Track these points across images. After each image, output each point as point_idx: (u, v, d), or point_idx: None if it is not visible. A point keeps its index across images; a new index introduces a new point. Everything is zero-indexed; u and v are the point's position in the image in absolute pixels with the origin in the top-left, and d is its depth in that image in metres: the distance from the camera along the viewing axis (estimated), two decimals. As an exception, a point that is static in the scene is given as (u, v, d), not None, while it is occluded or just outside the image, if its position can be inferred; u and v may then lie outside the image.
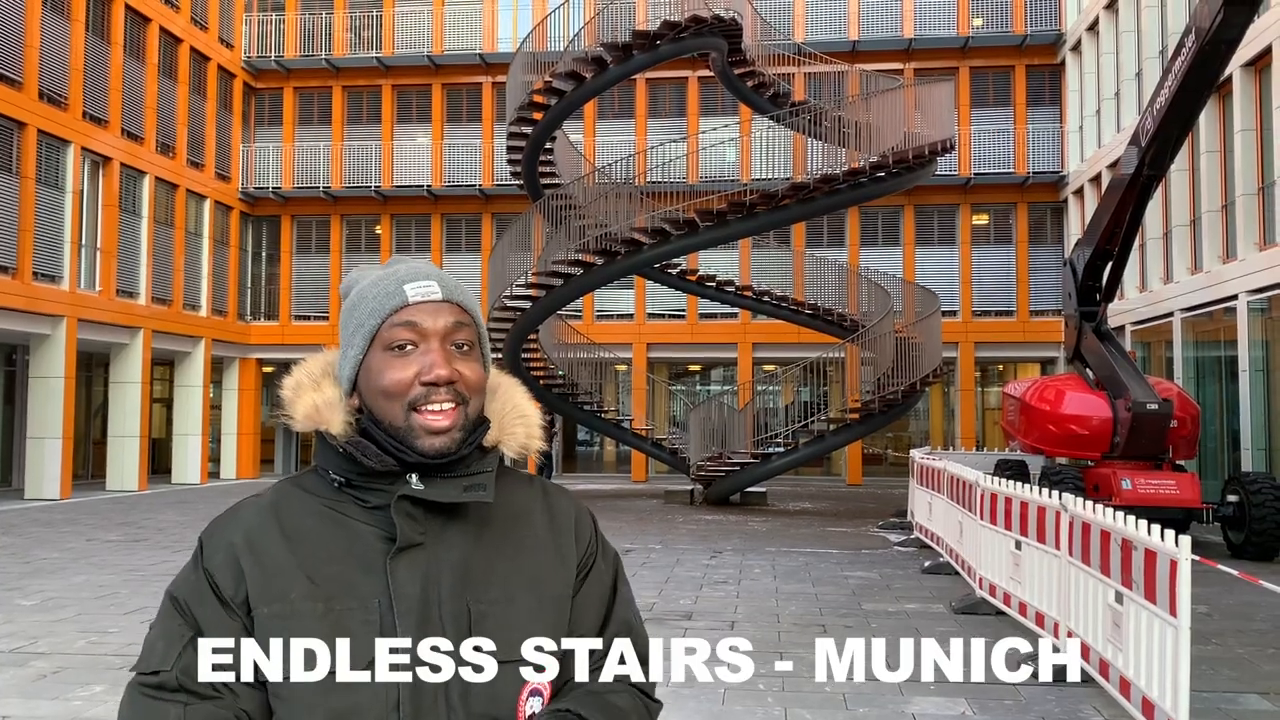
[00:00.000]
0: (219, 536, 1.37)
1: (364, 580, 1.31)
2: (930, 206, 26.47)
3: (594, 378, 22.03)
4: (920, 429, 27.86)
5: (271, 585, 1.31)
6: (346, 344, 1.41)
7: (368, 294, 1.41)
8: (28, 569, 11.24)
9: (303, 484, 1.42)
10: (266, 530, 1.35)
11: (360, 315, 1.40)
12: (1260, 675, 6.93)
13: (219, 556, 1.34)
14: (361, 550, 1.33)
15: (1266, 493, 12.37)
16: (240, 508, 1.41)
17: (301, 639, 1.27)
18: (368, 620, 1.29)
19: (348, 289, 1.46)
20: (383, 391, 1.36)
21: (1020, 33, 25.93)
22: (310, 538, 1.34)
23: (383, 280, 1.41)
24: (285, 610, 1.29)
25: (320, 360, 1.46)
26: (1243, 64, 16.24)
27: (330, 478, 1.39)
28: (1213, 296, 17.43)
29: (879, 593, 10.00)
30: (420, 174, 27.70)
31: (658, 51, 17.92)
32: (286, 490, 1.41)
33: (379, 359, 1.37)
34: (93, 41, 22.32)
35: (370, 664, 1.27)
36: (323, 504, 1.38)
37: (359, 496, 1.37)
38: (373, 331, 1.38)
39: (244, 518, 1.38)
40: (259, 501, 1.41)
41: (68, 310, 20.81)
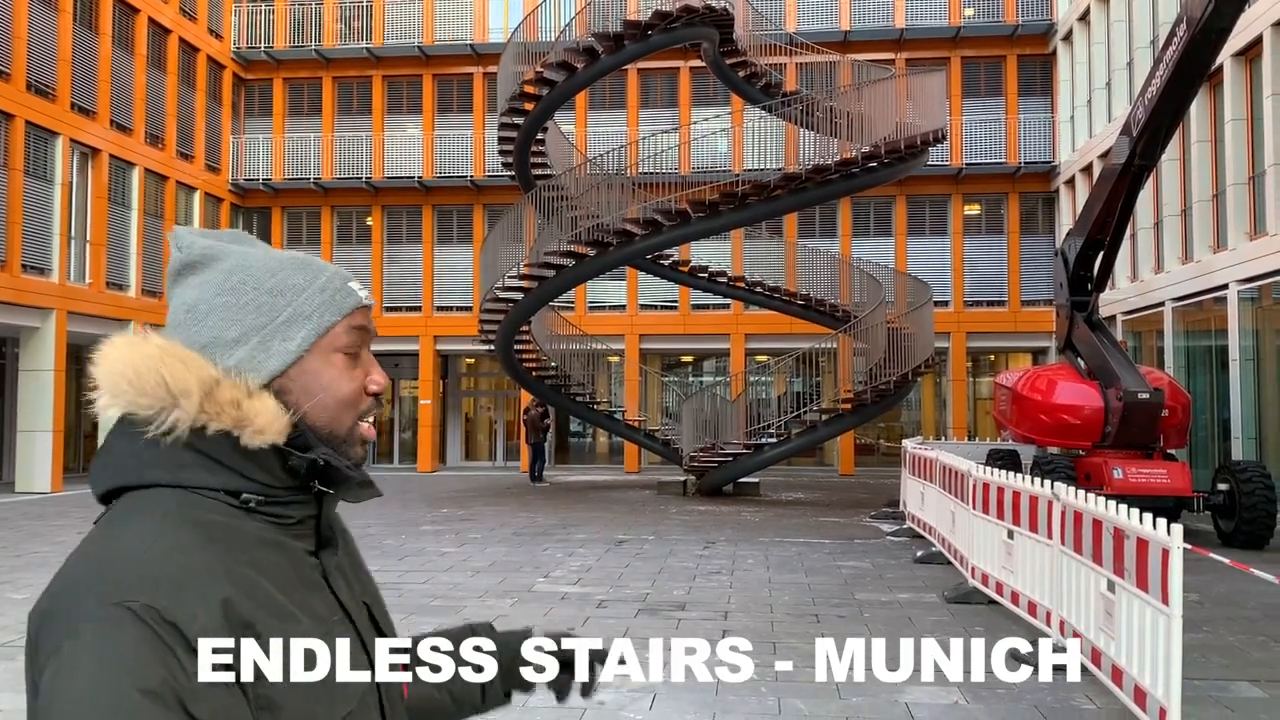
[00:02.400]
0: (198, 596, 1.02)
1: (319, 603, 1.16)
2: (922, 197, 26.47)
3: (586, 369, 22.02)
4: (912, 419, 27.92)
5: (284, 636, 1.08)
6: (269, 333, 1.17)
7: (300, 282, 1.20)
8: (18, 562, 11.20)
9: (204, 515, 1.10)
10: (246, 571, 1.08)
11: (301, 305, 1.19)
12: (1251, 663, 6.96)
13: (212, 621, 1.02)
14: (304, 571, 1.16)
15: (1257, 481, 12.43)
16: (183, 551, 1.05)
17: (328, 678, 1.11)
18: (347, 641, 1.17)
19: (206, 259, 1.19)
20: (341, 400, 1.20)
21: (1011, 22, 25.92)
22: (274, 570, 1.12)
23: (313, 269, 1.23)
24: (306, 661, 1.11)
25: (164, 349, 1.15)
26: (1233, 53, 16.25)
27: (244, 499, 1.13)
28: (1203, 286, 17.48)
29: (872, 582, 10.02)
30: (411, 165, 27.61)
31: (649, 41, 17.87)
32: (202, 522, 1.09)
33: (326, 361, 1.20)
34: (81, 32, 22.18)
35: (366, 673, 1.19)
36: (253, 530, 1.13)
37: (277, 514, 1.15)
38: (326, 328, 1.20)
39: (212, 562, 1.06)
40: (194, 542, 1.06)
41: (57, 303, 20.72)
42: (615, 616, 8.32)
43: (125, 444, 1.14)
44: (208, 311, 1.17)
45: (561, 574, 10.45)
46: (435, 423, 27.54)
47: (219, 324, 1.17)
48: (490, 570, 10.66)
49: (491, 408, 30.06)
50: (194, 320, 1.17)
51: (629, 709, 5.81)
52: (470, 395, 30.51)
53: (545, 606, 8.70)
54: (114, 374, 1.14)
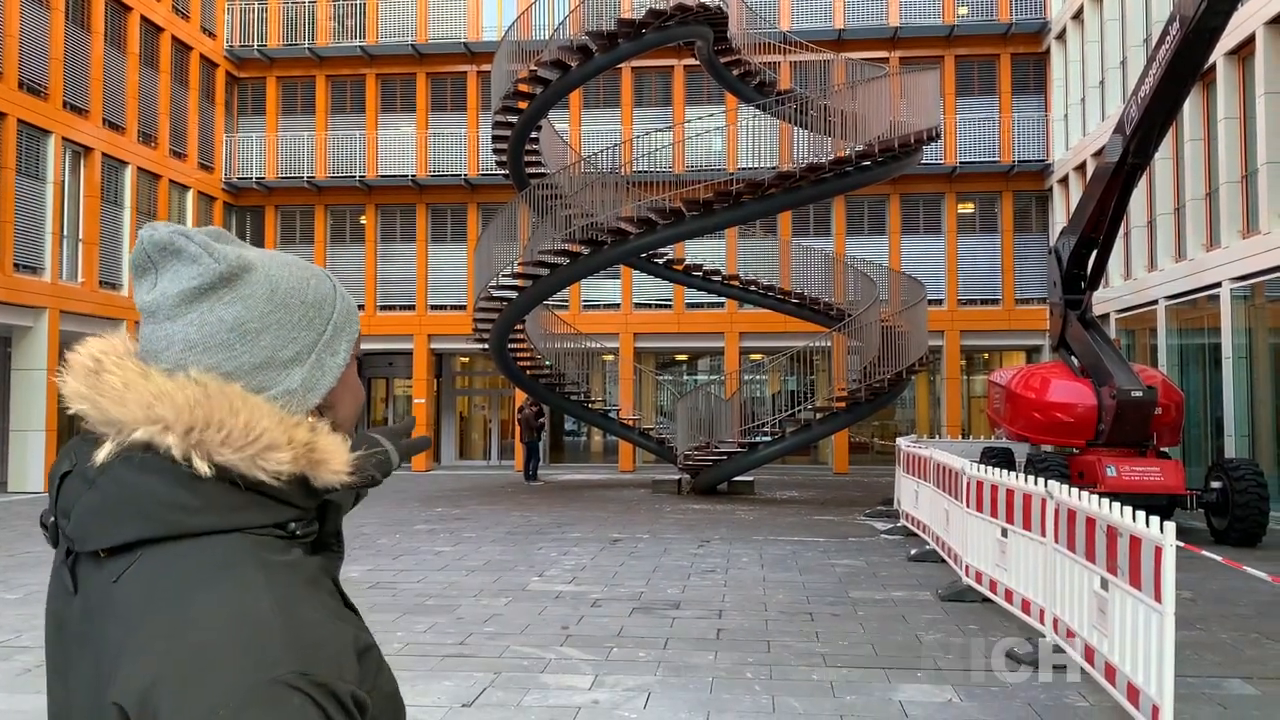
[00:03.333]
0: (334, 651, 0.98)
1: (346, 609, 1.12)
2: (916, 195, 26.50)
3: (581, 368, 22.01)
4: (906, 417, 27.96)
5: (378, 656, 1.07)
6: (321, 350, 1.12)
7: (327, 290, 1.15)
8: (12, 562, 11.17)
9: (273, 557, 1.02)
10: (339, 610, 1.06)
11: (338, 315, 1.15)
12: (1244, 660, 6.98)
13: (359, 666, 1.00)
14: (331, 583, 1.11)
15: (1249, 479, 12.45)
16: (298, 608, 0.99)
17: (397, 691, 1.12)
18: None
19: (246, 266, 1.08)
20: (358, 405, 1.20)
21: (1005, 21, 25.95)
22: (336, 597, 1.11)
23: (323, 275, 1.17)
24: (388, 673, 1.09)
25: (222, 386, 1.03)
26: (1226, 52, 16.28)
27: (290, 529, 1.06)
28: (1196, 284, 17.52)
29: (866, 580, 10.03)
30: (405, 164, 27.56)
31: (643, 40, 17.86)
32: (281, 565, 1.02)
33: (352, 370, 1.18)
34: (73, 31, 22.11)
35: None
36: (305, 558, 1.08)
37: (307, 533, 1.10)
38: (355, 337, 1.18)
39: (316, 612, 1.00)
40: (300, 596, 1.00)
41: (50, 302, 20.66)
42: (610, 615, 8.32)
43: (159, 484, 1.00)
44: (259, 330, 1.06)
45: (556, 573, 10.45)
46: (430, 422, 27.50)
47: (274, 343, 1.07)
48: (485, 569, 10.65)
49: (486, 406, 30.04)
50: (243, 340, 1.05)
51: (623, 707, 5.81)
52: (465, 394, 30.48)
53: (540, 605, 8.70)
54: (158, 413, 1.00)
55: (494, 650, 7.13)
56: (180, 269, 1.06)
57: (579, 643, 7.37)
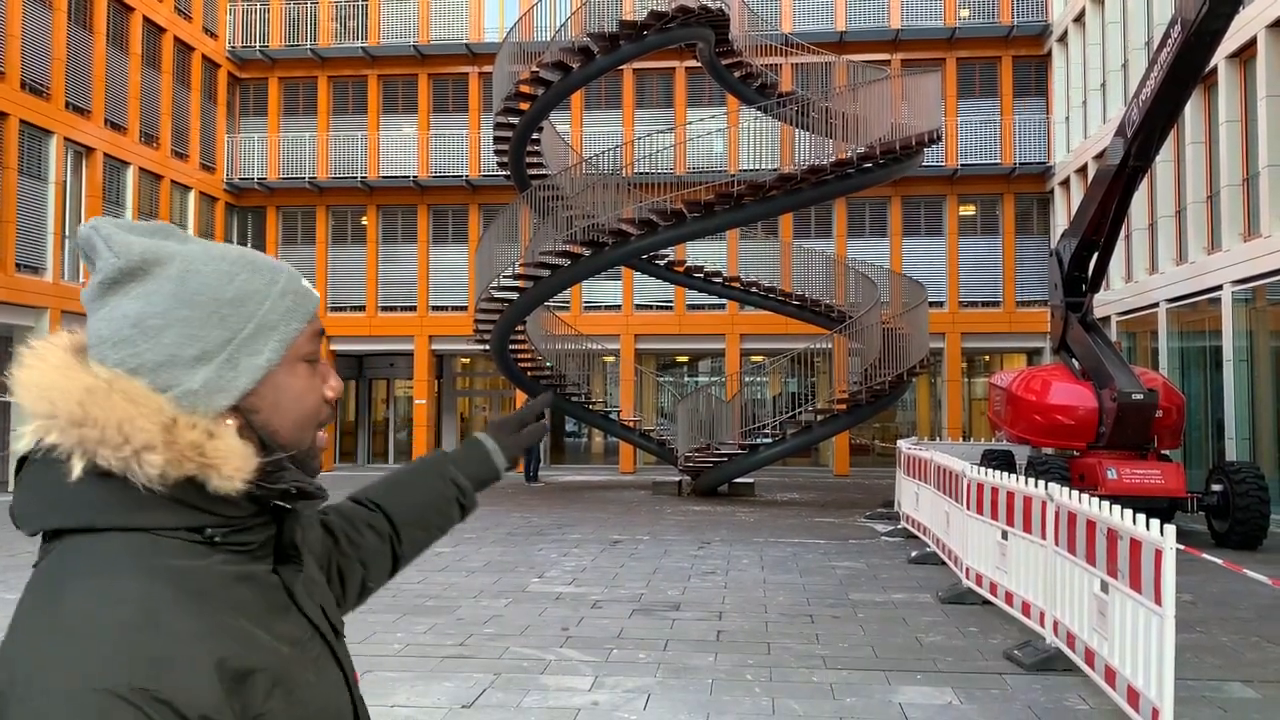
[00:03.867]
0: (187, 666, 0.93)
1: (290, 626, 1.08)
2: (917, 197, 26.50)
3: (582, 369, 22.00)
4: (907, 419, 27.95)
5: (279, 677, 1.02)
6: (235, 349, 1.05)
7: (260, 287, 1.08)
8: (11, 562, 11.18)
9: (170, 559, 0.99)
10: (223, 617, 0.99)
11: (266, 314, 1.07)
12: (1244, 663, 6.98)
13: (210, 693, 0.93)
14: (271, 596, 1.08)
15: (1250, 482, 12.44)
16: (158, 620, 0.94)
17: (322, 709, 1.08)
18: (324, 660, 1.12)
19: (149, 263, 1.04)
20: (308, 415, 1.12)
21: (1007, 24, 25.96)
22: (249, 606, 1.04)
23: (268, 269, 1.10)
24: (303, 695, 1.05)
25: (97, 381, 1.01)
26: (1228, 55, 16.29)
27: (208, 534, 1.03)
28: (1198, 287, 17.51)
29: (866, 583, 10.03)
30: (406, 165, 27.58)
31: (645, 42, 17.87)
32: (165, 570, 0.98)
33: (294, 373, 1.10)
34: (75, 31, 22.13)
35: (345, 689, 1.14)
36: (218, 565, 1.03)
37: (241, 541, 1.06)
38: (292, 338, 1.09)
39: (192, 622, 0.96)
40: (166, 598, 0.96)
41: (51, 302, 20.68)
42: (610, 617, 8.32)
43: (60, 477, 0.98)
44: (161, 327, 1.02)
45: (556, 574, 10.45)
46: (430, 422, 27.50)
47: (176, 340, 1.02)
48: (485, 570, 10.65)
49: (487, 407, 30.04)
50: (144, 336, 1.02)
51: (623, 709, 5.81)
52: (465, 395, 30.48)
53: (540, 606, 8.70)
54: (50, 407, 1.00)
55: (494, 651, 7.13)
56: (96, 263, 1.05)
57: (579, 644, 7.37)
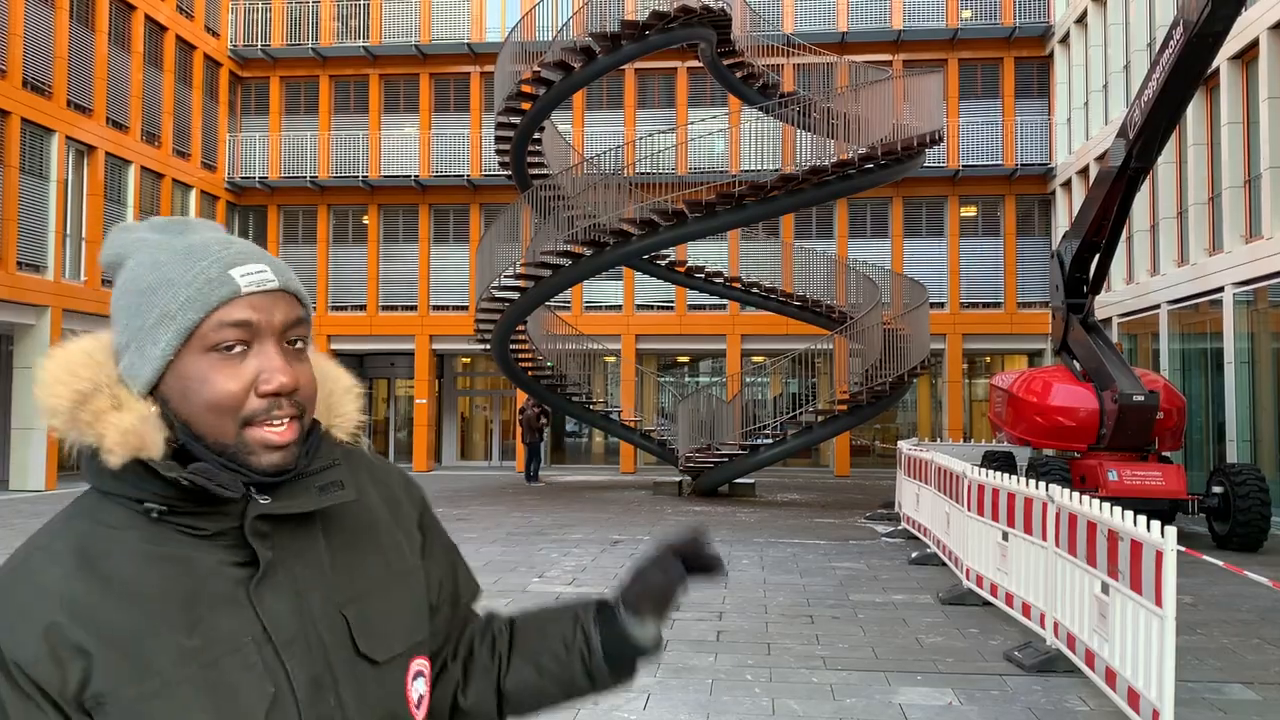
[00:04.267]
0: (21, 619, 1.01)
1: (225, 620, 1.07)
2: (919, 198, 26.49)
3: (582, 369, 22.00)
4: (908, 420, 27.94)
5: (126, 660, 1.02)
6: (142, 338, 1.10)
7: (175, 276, 1.10)
8: (12, 560, 11.18)
9: (100, 518, 1.10)
10: (89, 592, 1.04)
11: (168, 303, 1.09)
12: (1245, 665, 6.97)
13: (31, 646, 1.00)
14: (213, 586, 1.08)
15: (1251, 484, 12.44)
16: (31, 570, 1.06)
17: (193, 713, 1.02)
18: (248, 664, 1.06)
19: (118, 258, 1.15)
20: (209, 405, 1.09)
21: (1009, 25, 25.96)
22: (147, 586, 1.05)
23: (193, 260, 1.11)
24: (154, 687, 1.01)
25: (86, 356, 1.13)
26: (1230, 57, 16.28)
27: (145, 507, 1.08)
28: (1199, 289, 17.51)
29: (866, 583, 10.02)
30: (408, 164, 27.59)
31: (646, 42, 17.86)
32: (85, 530, 1.09)
33: (198, 363, 1.09)
34: (77, 30, 22.14)
35: (268, 714, 1.06)
36: (144, 542, 1.08)
37: (189, 525, 1.09)
38: (190, 327, 1.09)
39: (48, 584, 1.04)
40: (53, 554, 1.07)
41: (52, 300, 20.69)
42: (610, 617, 8.30)
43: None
44: (114, 315, 1.14)
45: (556, 574, 10.45)
46: (431, 422, 27.51)
47: (116, 330, 1.14)
48: (485, 570, 10.65)
49: (487, 407, 30.04)
50: (110, 325, 1.15)
51: (623, 709, 5.80)
52: (466, 394, 30.48)
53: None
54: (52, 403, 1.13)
55: (494, 651, 7.11)
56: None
57: (579, 644, 7.35)
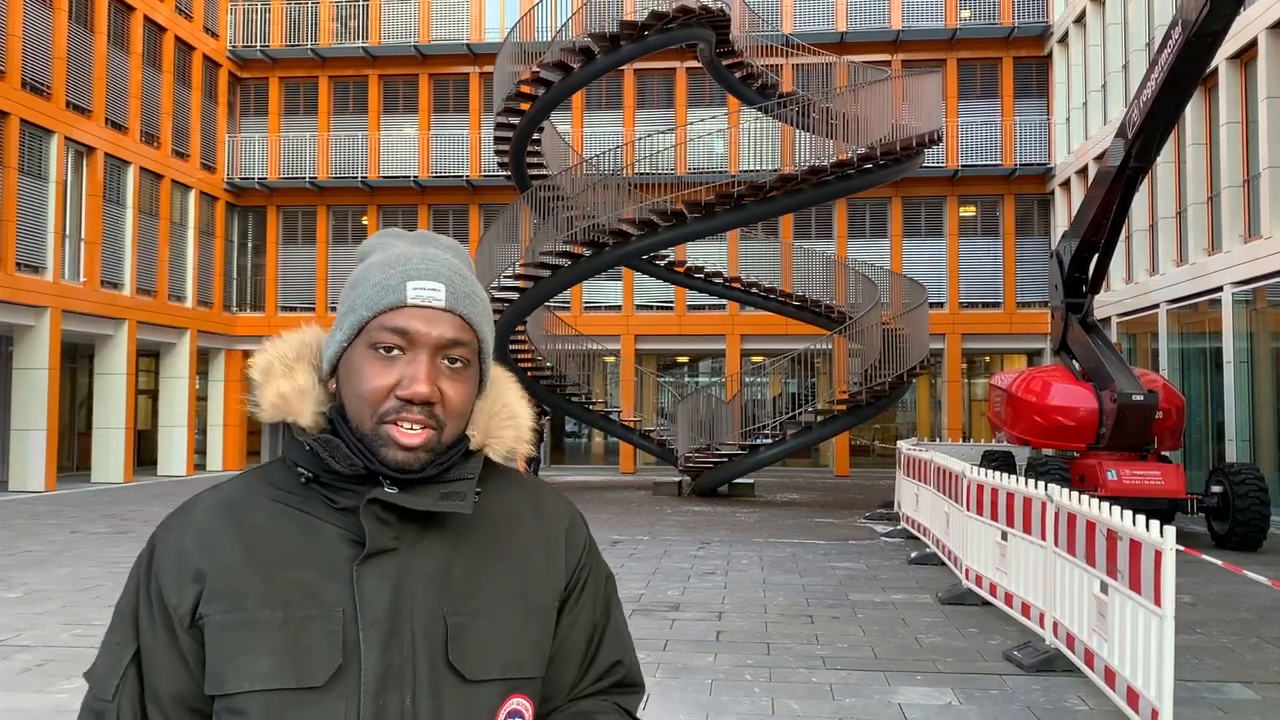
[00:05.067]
0: (170, 539, 1.23)
1: (327, 587, 1.19)
2: (918, 198, 26.50)
3: (582, 369, 22.00)
4: (907, 420, 27.94)
5: (226, 589, 1.18)
6: (337, 324, 1.27)
7: (370, 276, 1.26)
8: (12, 561, 11.18)
9: (268, 477, 1.28)
10: (221, 529, 1.22)
11: (355, 298, 1.25)
12: (1244, 664, 6.98)
13: (167, 560, 1.22)
14: (326, 553, 1.21)
15: (1250, 483, 12.44)
16: (193, 505, 1.27)
17: (258, 648, 1.15)
18: (330, 631, 1.17)
19: (364, 254, 1.32)
20: (357, 394, 1.23)
21: (1007, 25, 25.96)
22: (269, 537, 1.22)
23: (390, 267, 1.25)
24: (240, 618, 1.17)
25: (296, 340, 1.31)
26: (1228, 56, 16.29)
27: (298, 471, 1.25)
28: (1198, 288, 17.51)
29: (866, 583, 10.03)
30: (407, 165, 27.59)
31: (645, 42, 17.87)
32: (248, 484, 1.28)
33: (361, 355, 1.24)
34: (76, 30, 22.13)
35: (329, 682, 1.15)
36: (287, 500, 1.25)
37: (328, 495, 1.24)
38: (361, 323, 1.24)
39: (196, 517, 1.25)
40: (216, 497, 1.27)
41: (51, 301, 20.67)
42: (609, 617, 8.31)
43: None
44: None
45: (556, 574, 10.43)
46: (430, 422, 27.45)
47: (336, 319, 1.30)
48: (485, 570, 10.63)
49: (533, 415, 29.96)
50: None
51: (622, 709, 5.79)
52: (465, 395, 30.44)
53: (539, 607, 8.69)
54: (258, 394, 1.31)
55: (493, 651, 7.12)
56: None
57: (578, 644, 7.35)
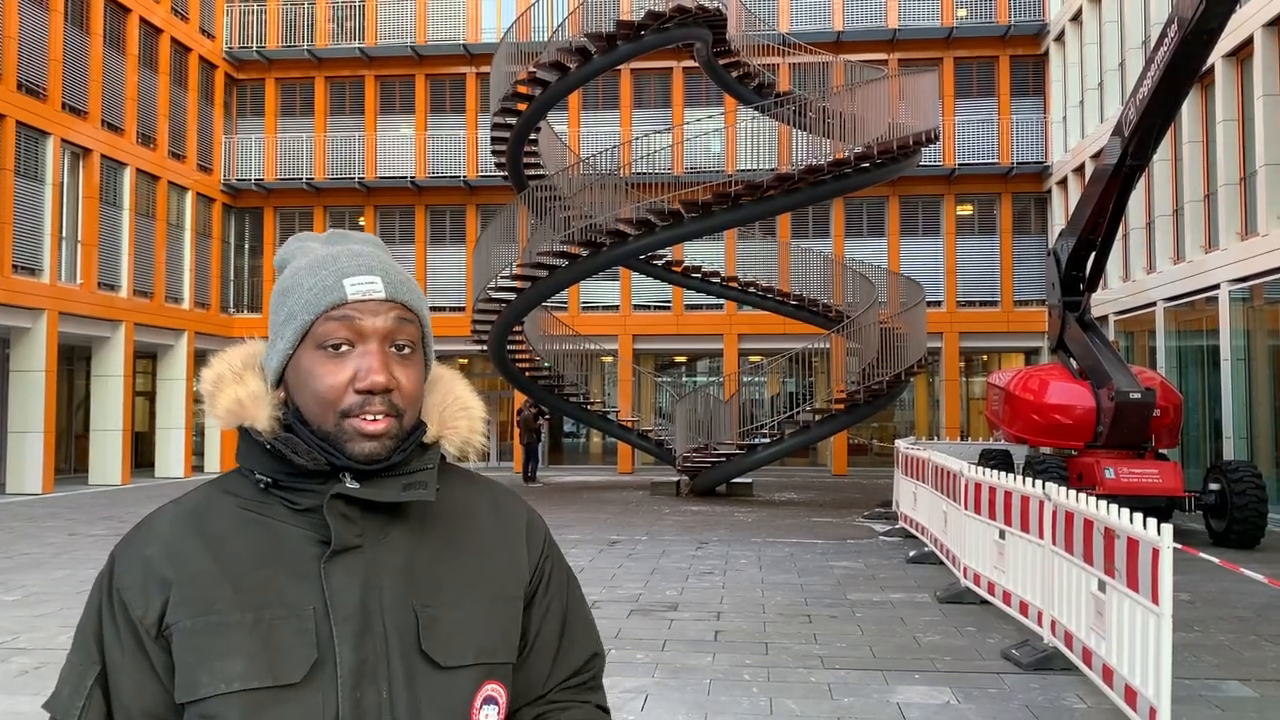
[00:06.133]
0: (132, 552, 1.23)
1: (295, 587, 1.19)
2: (915, 197, 26.51)
3: (580, 369, 21.99)
4: (905, 419, 27.96)
5: (194, 596, 1.18)
6: (276, 334, 1.27)
7: (302, 281, 1.26)
8: (10, 564, 11.16)
9: (225, 486, 1.28)
10: (185, 538, 1.22)
11: (292, 305, 1.25)
12: (1242, 662, 6.98)
13: (131, 574, 1.20)
14: (291, 555, 1.21)
15: (1248, 481, 12.45)
16: (154, 519, 1.27)
17: (231, 650, 1.15)
18: (302, 630, 1.17)
19: (283, 263, 1.32)
20: (315, 396, 1.23)
21: (1004, 23, 25.98)
22: (234, 543, 1.21)
23: (320, 269, 1.26)
24: (210, 622, 1.16)
25: (243, 351, 1.32)
26: (1224, 54, 16.30)
27: (255, 478, 1.25)
28: (1195, 286, 17.53)
29: (864, 583, 10.03)
30: (404, 165, 27.57)
31: (642, 42, 17.86)
32: (208, 494, 1.28)
33: (310, 357, 1.24)
34: (72, 32, 22.11)
35: (306, 679, 1.16)
36: (246, 506, 1.25)
37: (287, 498, 1.24)
38: (305, 327, 1.24)
39: (158, 529, 1.24)
40: (178, 509, 1.26)
41: (48, 303, 20.65)
42: (608, 617, 8.32)
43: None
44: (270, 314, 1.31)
45: (554, 574, 10.43)
46: (428, 423, 27.45)
47: (269, 325, 1.30)
48: (483, 571, 10.63)
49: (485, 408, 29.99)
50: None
51: (622, 710, 5.80)
52: (463, 395, 30.44)
53: (538, 607, 8.68)
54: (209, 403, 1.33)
55: (492, 652, 7.11)
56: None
57: (577, 644, 7.35)
